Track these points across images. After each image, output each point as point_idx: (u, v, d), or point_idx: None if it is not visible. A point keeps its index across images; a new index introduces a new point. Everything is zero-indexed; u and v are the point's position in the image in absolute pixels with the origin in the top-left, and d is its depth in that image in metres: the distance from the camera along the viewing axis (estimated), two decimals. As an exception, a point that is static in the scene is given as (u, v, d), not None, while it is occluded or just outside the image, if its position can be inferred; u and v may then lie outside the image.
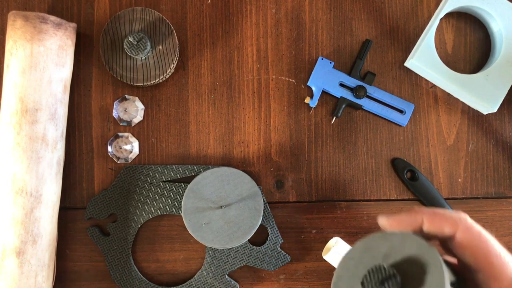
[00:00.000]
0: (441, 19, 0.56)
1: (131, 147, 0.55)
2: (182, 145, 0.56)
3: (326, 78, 0.56)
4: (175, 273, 0.56)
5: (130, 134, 0.56)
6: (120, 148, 0.55)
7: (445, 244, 0.31)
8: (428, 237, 0.30)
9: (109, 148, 0.55)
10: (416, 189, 0.56)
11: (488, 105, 0.55)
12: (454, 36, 0.58)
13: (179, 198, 0.55)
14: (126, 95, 0.55)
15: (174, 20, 0.57)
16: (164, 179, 0.55)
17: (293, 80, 0.57)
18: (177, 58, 0.55)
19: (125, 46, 0.52)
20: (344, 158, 0.57)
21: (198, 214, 0.52)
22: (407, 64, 0.56)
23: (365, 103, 0.56)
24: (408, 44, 0.58)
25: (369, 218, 0.56)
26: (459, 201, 0.57)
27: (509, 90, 0.55)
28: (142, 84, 0.54)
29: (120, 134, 0.55)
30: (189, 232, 0.52)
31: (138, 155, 0.56)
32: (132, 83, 0.53)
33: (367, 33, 0.58)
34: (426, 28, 0.56)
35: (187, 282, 0.55)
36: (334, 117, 0.56)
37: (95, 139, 0.56)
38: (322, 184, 0.56)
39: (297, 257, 0.56)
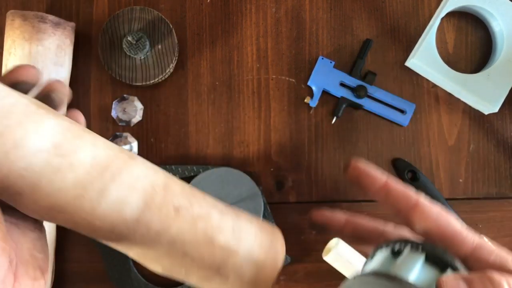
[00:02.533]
0: (442, 19, 0.56)
1: (130, 147, 0.55)
2: (181, 146, 0.56)
3: (326, 78, 0.56)
4: (174, 274, 0.55)
5: (129, 134, 0.55)
6: (119, 148, 0.55)
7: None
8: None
9: (108, 148, 0.55)
10: (417, 190, 0.55)
11: (489, 105, 0.54)
12: (455, 35, 0.58)
13: (178, 199, 0.54)
14: (125, 95, 0.55)
15: (173, 19, 0.56)
16: (163, 179, 0.54)
17: (293, 80, 0.57)
18: (176, 58, 0.54)
19: (124, 46, 0.51)
20: (344, 158, 0.56)
21: (197, 215, 0.52)
22: (408, 63, 0.56)
23: (365, 103, 0.56)
24: (409, 43, 0.57)
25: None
26: (460, 202, 0.56)
27: (510, 90, 0.55)
28: (141, 83, 0.53)
29: (118, 134, 0.55)
30: (189, 233, 0.52)
31: (137, 155, 0.56)
32: (131, 83, 0.53)
33: (368, 33, 0.57)
34: (427, 28, 0.56)
35: (187, 283, 0.54)
36: (335, 117, 0.56)
37: (94, 139, 0.56)
38: (323, 185, 0.56)
39: (297, 258, 0.56)
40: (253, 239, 0.27)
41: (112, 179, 0.24)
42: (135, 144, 0.55)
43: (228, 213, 0.27)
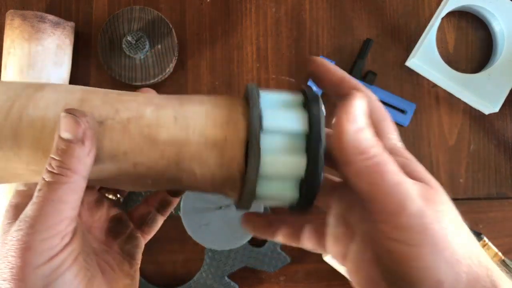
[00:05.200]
0: (442, 18, 0.56)
1: None
2: (181, 145, 0.56)
3: (326, 78, 0.56)
4: (174, 274, 0.55)
5: None
6: (119, 148, 0.54)
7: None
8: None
9: (108, 148, 0.55)
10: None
11: (490, 105, 0.54)
12: (456, 35, 0.58)
13: (178, 199, 0.54)
14: (124, 95, 0.55)
15: (173, 19, 0.56)
16: (163, 179, 0.54)
17: (293, 80, 0.57)
18: (176, 58, 0.54)
19: (123, 45, 0.51)
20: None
21: (197, 215, 0.52)
22: (408, 63, 0.56)
23: (366, 103, 0.56)
24: (409, 43, 0.57)
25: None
26: (461, 202, 0.56)
27: (511, 90, 0.55)
28: (140, 83, 0.53)
29: None
30: (188, 233, 0.52)
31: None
32: (130, 83, 0.53)
33: (368, 32, 0.57)
34: (428, 27, 0.56)
35: (187, 284, 0.54)
36: (335, 117, 0.56)
37: (94, 139, 0.55)
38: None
39: (298, 258, 0.55)
40: (203, 120, 0.24)
41: (19, 119, 0.23)
42: None
43: (168, 105, 0.24)
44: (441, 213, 0.22)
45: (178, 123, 0.24)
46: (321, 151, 0.23)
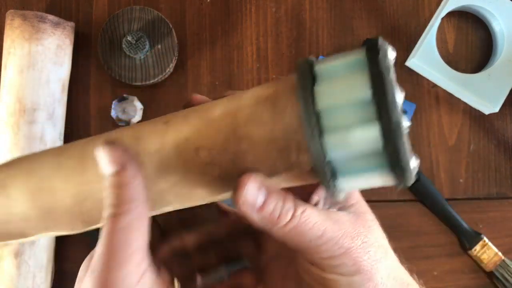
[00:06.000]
0: (442, 18, 0.56)
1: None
2: (181, 145, 0.56)
3: (326, 78, 0.56)
4: (174, 274, 0.55)
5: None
6: (119, 148, 0.54)
7: None
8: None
9: (108, 148, 0.55)
10: (417, 190, 0.55)
11: (490, 105, 0.54)
12: (456, 35, 0.58)
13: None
14: (124, 95, 0.55)
15: (173, 19, 0.56)
16: (163, 179, 0.54)
17: (293, 80, 0.57)
18: (176, 58, 0.54)
19: (123, 46, 0.51)
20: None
21: (197, 215, 0.52)
22: (408, 63, 0.56)
23: (365, 103, 0.56)
24: (409, 43, 0.57)
25: (370, 219, 0.56)
26: (461, 202, 0.56)
27: (511, 90, 0.55)
28: (140, 83, 0.53)
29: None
30: (188, 233, 0.52)
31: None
32: (130, 83, 0.53)
33: (368, 32, 0.57)
34: (428, 27, 0.56)
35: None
36: (335, 117, 0.56)
37: (94, 139, 0.55)
38: (323, 185, 0.56)
39: (297, 258, 0.55)
40: (255, 88, 0.24)
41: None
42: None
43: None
44: (367, 244, 0.24)
45: (231, 99, 0.25)
46: (391, 73, 0.21)
